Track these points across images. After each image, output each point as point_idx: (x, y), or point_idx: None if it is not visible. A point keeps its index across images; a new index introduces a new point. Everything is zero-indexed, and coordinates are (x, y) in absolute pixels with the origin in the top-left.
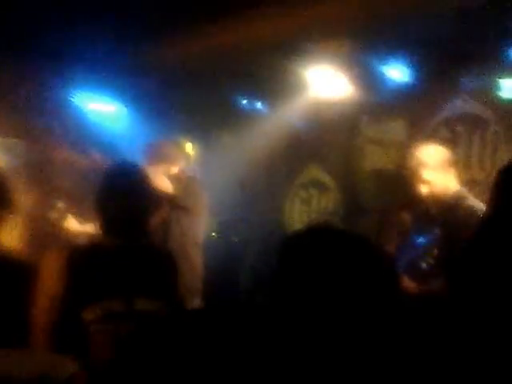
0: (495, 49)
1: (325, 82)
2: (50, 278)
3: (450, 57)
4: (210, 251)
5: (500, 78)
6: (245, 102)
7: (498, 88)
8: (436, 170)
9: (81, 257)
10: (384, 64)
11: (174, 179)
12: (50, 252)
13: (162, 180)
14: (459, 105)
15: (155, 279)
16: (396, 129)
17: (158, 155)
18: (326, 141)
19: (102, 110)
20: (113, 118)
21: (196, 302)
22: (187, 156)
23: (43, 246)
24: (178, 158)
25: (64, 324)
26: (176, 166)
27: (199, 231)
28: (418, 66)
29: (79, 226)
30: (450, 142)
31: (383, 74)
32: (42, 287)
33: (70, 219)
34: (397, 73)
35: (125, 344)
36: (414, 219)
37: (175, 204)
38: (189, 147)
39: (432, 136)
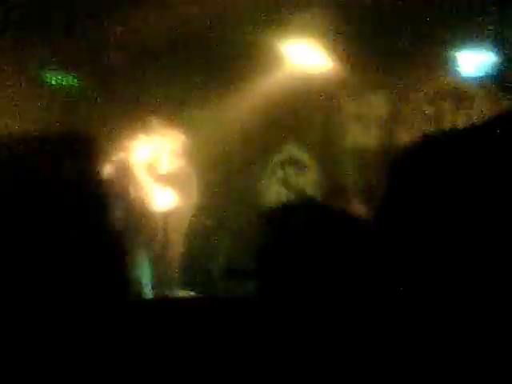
0: (482, 22)
1: (302, 56)
2: None
3: (436, 28)
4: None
5: (486, 52)
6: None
7: (482, 62)
8: None
9: None
10: (365, 35)
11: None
12: None
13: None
14: (444, 79)
15: None
16: (378, 104)
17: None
18: (303, 117)
19: (68, 85)
20: (79, 94)
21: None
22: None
23: None
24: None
25: None
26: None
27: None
28: (400, 37)
29: None
30: (435, 118)
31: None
32: None
33: None
34: (379, 45)
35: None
36: None
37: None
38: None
39: (416, 112)
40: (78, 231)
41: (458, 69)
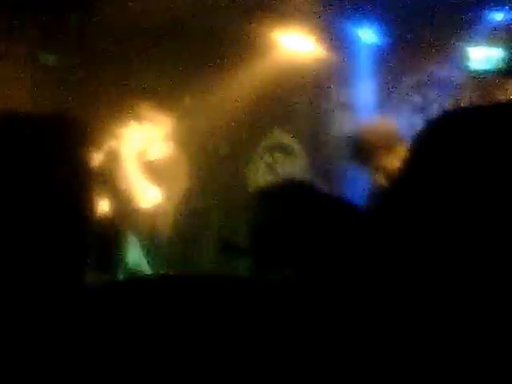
0: (470, 15)
1: (292, 43)
2: None
3: (423, 20)
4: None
5: (474, 45)
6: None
7: (471, 55)
8: None
9: None
10: (355, 25)
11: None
12: None
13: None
14: (431, 70)
15: None
16: (366, 93)
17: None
18: (292, 104)
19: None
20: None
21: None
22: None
23: None
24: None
25: None
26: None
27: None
28: (389, 28)
29: None
30: (422, 107)
31: (354, 36)
32: None
33: None
34: (368, 34)
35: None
36: None
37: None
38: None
39: (403, 101)
40: (66, 217)
41: (447, 58)
